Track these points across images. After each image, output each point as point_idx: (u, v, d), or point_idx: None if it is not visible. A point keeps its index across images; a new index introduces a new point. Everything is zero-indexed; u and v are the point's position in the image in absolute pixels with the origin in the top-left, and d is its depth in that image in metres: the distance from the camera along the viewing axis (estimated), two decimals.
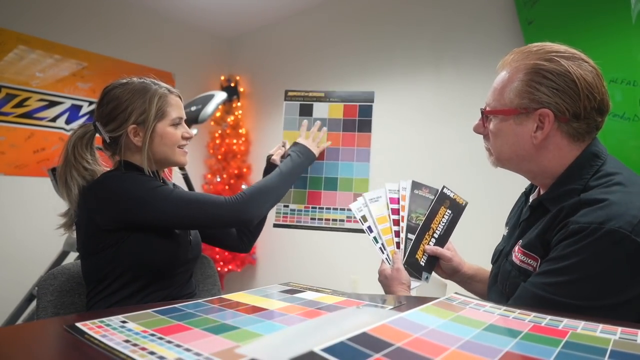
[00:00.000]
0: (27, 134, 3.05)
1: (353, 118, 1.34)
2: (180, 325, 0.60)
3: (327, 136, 1.35)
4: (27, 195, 3.01)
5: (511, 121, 0.88)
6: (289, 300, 0.76)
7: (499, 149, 0.93)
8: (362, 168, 1.31)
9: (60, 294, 1.12)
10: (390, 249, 1.06)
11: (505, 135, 0.90)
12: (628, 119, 2.05)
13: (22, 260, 2.88)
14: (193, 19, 3.93)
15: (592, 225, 0.73)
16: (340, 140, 1.33)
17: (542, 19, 2.34)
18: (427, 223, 1.10)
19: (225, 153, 3.95)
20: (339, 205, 1.30)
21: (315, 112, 1.35)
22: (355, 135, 1.33)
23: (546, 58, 0.85)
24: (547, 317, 0.60)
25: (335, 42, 3.49)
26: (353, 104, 1.34)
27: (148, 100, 1.09)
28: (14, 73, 3.00)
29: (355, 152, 1.32)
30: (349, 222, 1.28)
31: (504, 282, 0.92)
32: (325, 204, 1.30)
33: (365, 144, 1.33)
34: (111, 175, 1.06)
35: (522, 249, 0.88)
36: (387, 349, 0.44)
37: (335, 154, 1.33)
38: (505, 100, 0.88)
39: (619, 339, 0.51)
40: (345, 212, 1.29)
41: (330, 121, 1.34)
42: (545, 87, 0.84)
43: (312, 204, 1.31)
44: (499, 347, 0.48)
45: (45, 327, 0.69)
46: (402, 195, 1.12)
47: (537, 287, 0.78)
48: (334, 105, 1.35)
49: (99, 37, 3.43)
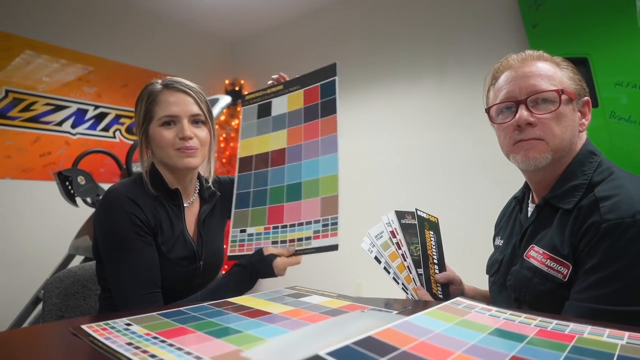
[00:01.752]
0: (34, 138, 3.08)
1: (315, 102, 1.10)
2: (184, 329, 0.60)
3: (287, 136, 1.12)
4: (33, 199, 3.03)
5: (571, 106, 0.88)
6: (293, 304, 0.76)
7: (561, 136, 0.86)
8: (330, 162, 1.04)
9: (66, 297, 1.12)
10: (411, 287, 1.03)
11: (568, 120, 0.87)
12: (634, 122, 2.04)
13: (29, 264, 2.89)
14: (198, 23, 3.95)
15: (625, 221, 0.72)
16: (302, 134, 1.09)
17: (547, 23, 2.34)
18: (425, 252, 1.06)
19: (230, 157, 3.97)
20: (304, 218, 1.02)
21: (275, 109, 1.15)
22: (318, 123, 1.08)
23: (564, 59, 0.91)
24: (554, 322, 0.60)
25: (339, 45, 3.49)
26: (314, 87, 1.12)
27: (140, 101, 1.04)
28: (20, 77, 3.03)
29: (319, 143, 1.06)
30: (317, 238, 0.99)
31: (521, 290, 0.88)
32: (289, 219, 1.04)
33: (330, 129, 1.06)
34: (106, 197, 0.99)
35: (549, 253, 0.83)
36: (392, 353, 0.44)
37: (297, 153, 1.08)
38: (564, 84, 0.87)
39: (627, 344, 0.50)
40: (312, 226, 1.01)
41: (291, 115, 1.13)
42: (582, 80, 0.89)
43: (273, 223, 1.05)
44: (504, 352, 0.47)
45: (52, 330, 0.69)
46: (394, 229, 1.07)
47: (591, 302, 0.74)
48: (294, 95, 1.14)
49: (105, 41, 3.46)
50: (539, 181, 0.94)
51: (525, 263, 0.88)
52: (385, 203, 2.86)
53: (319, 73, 1.12)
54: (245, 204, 1.09)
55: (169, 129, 1.01)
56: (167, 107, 1.01)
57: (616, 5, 2.10)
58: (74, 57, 3.28)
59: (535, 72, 0.88)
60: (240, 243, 1.05)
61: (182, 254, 1.04)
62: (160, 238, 1.00)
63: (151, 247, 0.98)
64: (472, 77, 2.71)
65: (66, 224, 2.69)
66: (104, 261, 0.98)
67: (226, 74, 4.32)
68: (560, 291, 0.80)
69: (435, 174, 2.84)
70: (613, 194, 0.77)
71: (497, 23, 2.63)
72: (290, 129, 1.11)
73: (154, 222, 0.99)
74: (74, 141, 3.27)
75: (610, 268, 0.73)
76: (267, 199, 1.08)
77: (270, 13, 3.74)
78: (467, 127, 2.67)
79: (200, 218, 1.10)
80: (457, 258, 1.29)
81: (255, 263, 0.97)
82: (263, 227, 1.05)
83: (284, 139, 1.11)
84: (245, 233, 1.06)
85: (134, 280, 0.94)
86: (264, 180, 1.10)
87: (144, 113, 1.03)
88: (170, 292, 1.01)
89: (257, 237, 1.05)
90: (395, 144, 3.08)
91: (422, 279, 1.02)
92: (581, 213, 0.79)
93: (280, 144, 1.11)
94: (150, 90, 1.03)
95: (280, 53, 3.98)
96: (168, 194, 1.05)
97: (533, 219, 0.93)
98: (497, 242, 1.09)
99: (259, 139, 1.14)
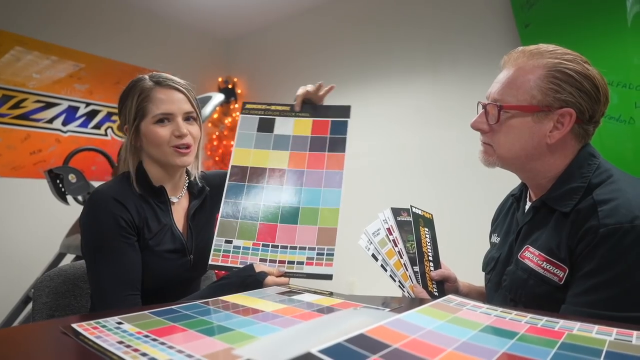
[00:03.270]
0: (24, 136, 3.04)
1: (323, 135, 1.12)
2: (175, 327, 0.59)
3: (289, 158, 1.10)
4: (23, 197, 3.00)
5: (529, 118, 0.85)
6: (285, 302, 0.76)
7: (508, 147, 0.88)
8: (332, 196, 1.06)
9: (56, 296, 1.11)
10: (408, 284, 1.03)
11: (518, 133, 0.86)
12: (624, 121, 2.06)
13: (19, 263, 2.87)
14: (191, 21, 3.93)
15: (624, 226, 0.72)
16: (305, 161, 1.09)
17: (539, 22, 2.36)
18: (420, 249, 1.06)
19: (223, 155, 3.96)
20: (298, 243, 1.01)
21: (278, 127, 1.13)
22: (324, 156, 1.10)
23: (566, 59, 0.84)
24: (544, 319, 0.60)
25: (333, 44, 3.49)
26: (324, 120, 1.13)
27: (130, 97, 1.03)
28: (10, 74, 2.99)
29: (324, 175, 1.08)
30: (310, 264, 1.00)
31: (517, 291, 0.87)
32: (281, 241, 1.02)
33: (337, 166, 1.09)
34: (92, 198, 0.99)
35: (545, 255, 0.83)
36: (384, 350, 0.44)
37: (298, 177, 1.08)
38: (526, 96, 0.85)
39: (615, 340, 0.51)
40: (306, 253, 1.01)
41: (295, 139, 1.12)
42: (571, 87, 0.82)
43: (263, 241, 1.02)
44: (495, 349, 0.48)
45: (42, 329, 0.68)
46: (390, 227, 1.06)
47: (587, 306, 0.73)
48: (301, 120, 1.14)
49: (96, 38, 3.43)
50: (527, 183, 0.95)
51: (521, 264, 0.88)
52: (379, 202, 2.86)
53: (332, 108, 1.14)
54: (234, 215, 1.06)
55: (164, 127, 1.02)
56: (162, 104, 1.01)
57: (607, 6, 2.12)
58: (64, 53, 3.24)
59: (506, 80, 0.88)
60: (225, 254, 1.02)
61: (171, 246, 1.04)
62: (148, 234, 1.01)
63: (134, 249, 0.98)
64: (466, 76, 2.72)
65: (57, 223, 2.66)
66: (86, 261, 0.99)
67: (219, 71, 4.30)
68: (555, 294, 0.80)
69: (429, 172, 2.85)
70: (611, 198, 0.76)
71: (489, 23, 2.65)
72: (294, 152, 1.11)
73: (139, 220, 1.00)
74: (65, 139, 3.24)
75: (608, 273, 0.72)
76: (259, 216, 1.06)
77: (264, 11, 3.72)
78: (460, 126, 2.68)
79: (190, 213, 1.11)
80: (452, 256, 1.30)
81: (245, 279, 0.96)
82: (252, 242, 1.03)
83: (285, 160, 1.10)
84: (231, 244, 1.03)
85: (114, 281, 0.94)
86: (257, 195, 1.08)
87: (135, 110, 1.02)
88: (161, 287, 1.01)
89: (244, 251, 1.02)
90: (389, 142, 3.09)
91: (418, 276, 1.02)
92: (579, 216, 0.79)
93: (281, 164, 1.10)
94: (142, 87, 1.03)
95: (274, 51, 3.97)
96: (153, 191, 1.05)
97: (528, 218, 0.92)
98: (493, 238, 1.08)
99: (256, 152, 1.12)
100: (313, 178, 1.08)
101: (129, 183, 1.03)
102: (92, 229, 0.97)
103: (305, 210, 1.05)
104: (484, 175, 2.61)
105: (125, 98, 1.05)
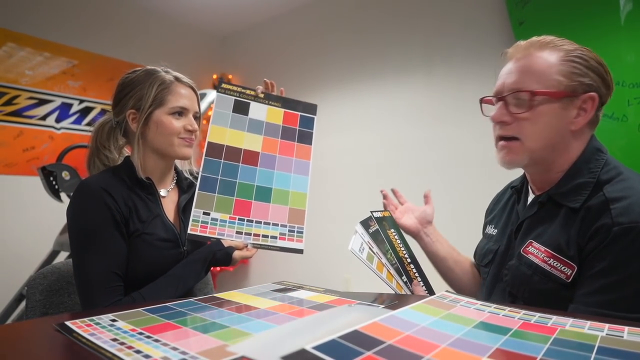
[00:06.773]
0: (17, 132, 3.01)
1: (293, 127, 1.22)
2: (170, 324, 0.59)
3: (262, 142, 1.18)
4: (16, 195, 2.97)
5: (557, 104, 0.83)
6: (280, 299, 0.76)
7: (537, 136, 0.84)
8: (301, 181, 1.17)
9: (50, 293, 1.10)
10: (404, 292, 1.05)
11: (548, 120, 0.83)
12: (617, 119, 2.08)
13: (12, 260, 2.84)
14: (185, 17, 3.90)
15: (638, 225, 0.70)
16: (277, 147, 1.19)
17: (533, 20, 2.36)
18: (398, 256, 1.07)
19: None
20: (271, 219, 1.11)
21: (252, 112, 1.19)
22: (294, 145, 1.20)
23: (578, 47, 0.85)
24: (537, 315, 0.61)
25: (328, 41, 3.49)
26: (294, 113, 1.23)
27: (148, 85, 1.07)
28: (2, 71, 2.96)
29: (293, 162, 1.19)
30: (282, 239, 1.09)
31: (519, 286, 0.86)
32: (256, 216, 1.11)
33: (305, 156, 1.20)
34: (80, 188, 1.01)
35: (552, 251, 0.81)
36: (378, 347, 0.44)
37: (271, 161, 1.17)
38: (552, 82, 0.83)
39: (606, 336, 0.51)
40: (279, 228, 1.11)
41: (268, 125, 1.20)
42: (592, 72, 0.83)
43: (239, 215, 1.10)
44: (489, 344, 0.48)
45: (35, 326, 0.68)
46: (368, 241, 1.07)
47: (598, 306, 0.71)
48: (274, 109, 1.21)
49: (90, 34, 3.39)
50: (532, 178, 0.93)
51: (524, 259, 0.86)
52: (372, 198, 2.86)
53: (301, 104, 1.24)
54: (212, 188, 1.11)
55: (179, 119, 1.09)
56: (181, 98, 1.09)
57: (600, 3, 2.13)
58: (58, 50, 3.21)
59: (523, 68, 0.85)
60: (203, 224, 1.08)
61: (163, 235, 1.06)
62: (138, 222, 1.03)
63: (121, 238, 1.00)
64: (460, 73, 2.72)
65: (50, 220, 2.64)
66: (72, 252, 1.00)
67: (214, 68, 4.28)
68: (562, 291, 0.78)
69: (423, 169, 2.86)
70: (624, 196, 0.75)
71: (484, 19, 2.65)
72: (267, 137, 1.19)
73: (126, 209, 1.01)
74: (58, 136, 3.22)
75: (621, 273, 0.71)
76: (235, 191, 1.13)
77: (258, 8, 3.71)
78: (455, 123, 2.69)
79: (180, 206, 1.15)
80: None
81: (215, 253, 1.06)
82: (228, 216, 1.10)
83: (259, 143, 1.19)
84: (209, 216, 1.09)
85: (100, 271, 0.96)
86: (233, 172, 1.14)
87: (152, 97, 1.06)
88: (153, 276, 1.02)
89: (221, 223, 1.09)
90: (383, 139, 3.09)
91: (409, 285, 1.04)
92: (590, 213, 0.77)
93: (255, 147, 1.18)
94: (163, 78, 1.08)
95: (269, 48, 3.95)
96: (141, 184, 1.08)
97: (532, 212, 0.90)
98: (488, 229, 1.07)
99: (232, 132, 1.18)
100: (284, 163, 1.18)
101: (117, 175, 1.06)
102: (80, 218, 0.99)
103: (277, 191, 1.15)
104: (479, 173, 2.62)
105: (139, 84, 1.08)
